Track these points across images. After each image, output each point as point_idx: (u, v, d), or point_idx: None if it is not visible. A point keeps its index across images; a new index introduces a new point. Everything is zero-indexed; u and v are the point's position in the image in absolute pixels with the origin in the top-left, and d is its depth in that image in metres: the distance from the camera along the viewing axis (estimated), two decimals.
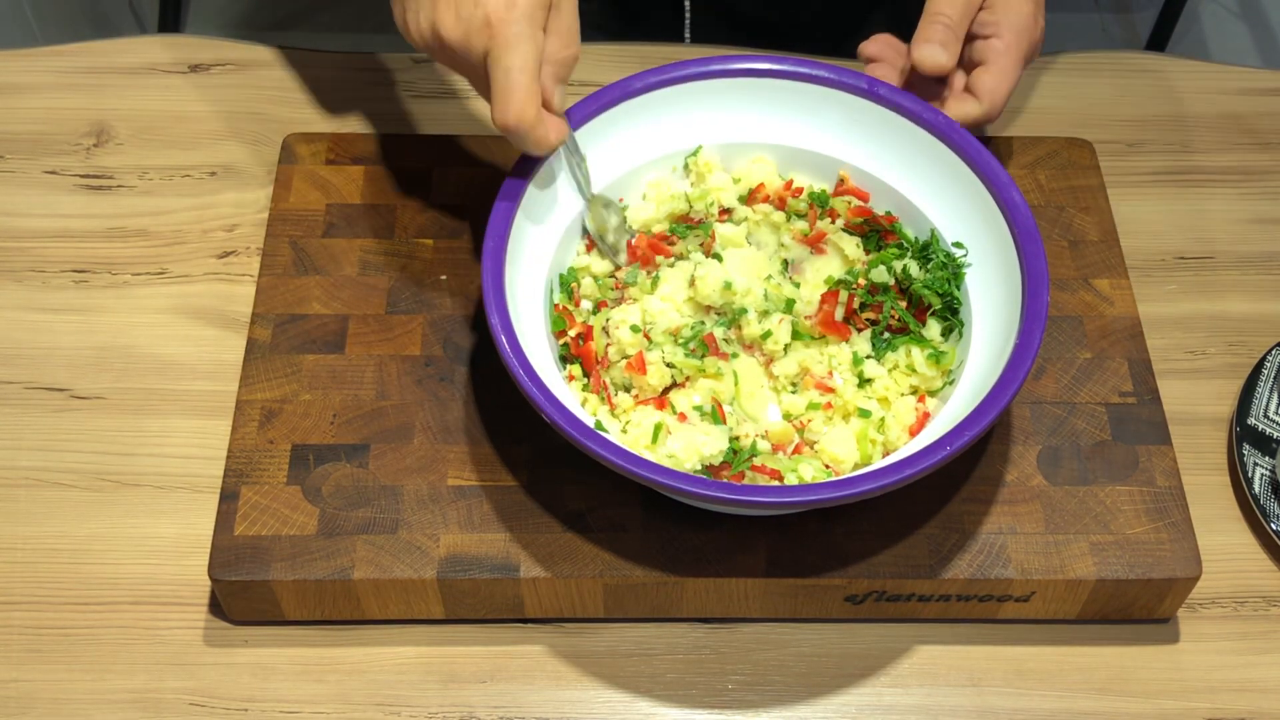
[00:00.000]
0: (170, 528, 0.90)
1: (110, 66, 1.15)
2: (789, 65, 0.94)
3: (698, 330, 0.88)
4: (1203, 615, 0.89)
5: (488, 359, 0.93)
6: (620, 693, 0.85)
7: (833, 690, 0.86)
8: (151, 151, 1.09)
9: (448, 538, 0.85)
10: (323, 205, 1.01)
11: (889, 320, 0.90)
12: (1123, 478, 0.89)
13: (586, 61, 1.16)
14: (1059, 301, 0.97)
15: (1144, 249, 1.06)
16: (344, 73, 1.15)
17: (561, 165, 0.91)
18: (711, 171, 0.96)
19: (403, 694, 0.85)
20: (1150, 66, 1.18)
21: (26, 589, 0.88)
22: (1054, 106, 1.14)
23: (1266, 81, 1.17)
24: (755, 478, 0.83)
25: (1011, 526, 0.87)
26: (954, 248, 0.90)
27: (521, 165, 0.89)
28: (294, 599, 0.85)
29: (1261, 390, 0.96)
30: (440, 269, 0.98)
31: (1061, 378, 0.93)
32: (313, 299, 0.96)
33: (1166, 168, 1.11)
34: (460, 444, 0.89)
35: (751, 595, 0.86)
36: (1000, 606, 0.87)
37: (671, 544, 0.85)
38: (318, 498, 0.86)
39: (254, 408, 0.90)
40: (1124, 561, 0.85)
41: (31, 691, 0.84)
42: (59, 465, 0.93)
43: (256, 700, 0.84)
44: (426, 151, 1.04)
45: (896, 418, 0.86)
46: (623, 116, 0.93)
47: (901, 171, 0.93)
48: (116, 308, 1.00)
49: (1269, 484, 0.92)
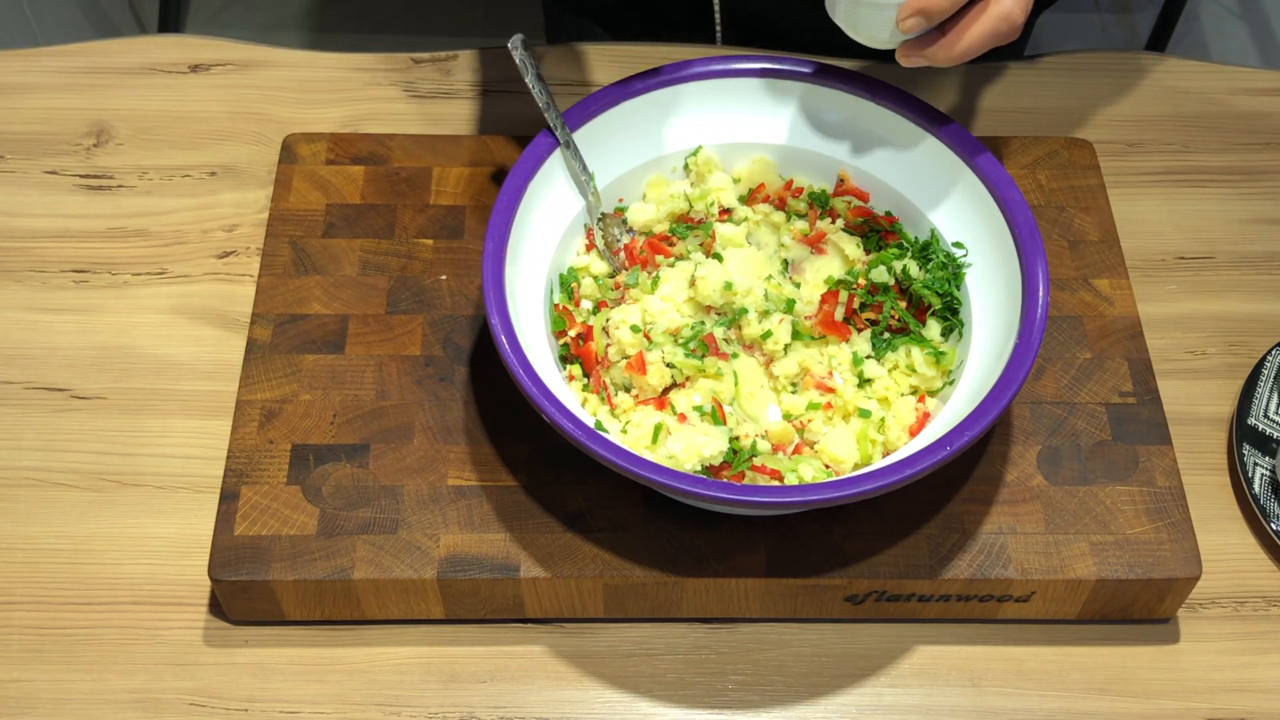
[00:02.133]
0: (170, 528, 0.90)
1: (110, 66, 1.15)
2: (789, 65, 0.94)
3: (698, 330, 0.88)
4: (1203, 615, 0.89)
5: (488, 359, 0.93)
6: (620, 693, 0.85)
7: (833, 690, 0.86)
8: (151, 151, 1.09)
9: (448, 538, 0.85)
10: (323, 205, 1.01)
11: (889, 320, 0.90)
12: (1123, 478, 0.89)
13: (586, 61, 1.16)
14: (1059, 301, 0.97)
15: (1144, 249, 1.06)
16: (344, 73, 1.15)
17: (563, 166, 0.91)
18: (711, 171, 0.96)
19: (403, 694, 0.85)
20: (1150, 66, 1.18)
21: (26, 589, 0.88)
22: (1054, 106, 1.14)
23: (1266, 81, 1.17)
24: (755, 478, 0.83)
25: (1011, 526, 0.87)
26: (954, 248, 0.91)
27: (521, 165, 0.89)
28: (294, 599, 0.85)
29: (1261, 390, 0.96)
30: (440, 269, 0.98)
31: (1061, 378, 0.93)
32: (313, 299, 0.96)
33: (1166, 168, 1.11)
34: (460, 444, 0.89)
35: (751, 595, 0.86)
36: (1000, 606, 0.87)
37: (671, 544, 0.85)
38: (318, 498, 0.86)
39: (254, 408, 0.90)
40: (1124, 561, 0.85)
41: (31, 691, 0.84)
42: (59, 465, 0.93)
43: (256, 700, 0.84)
44: (426, 151, 1.04)
45: (896, 418, 0.86)
46: (623, 116, 0.94)
47: (901, 171, 0.94)
48: (116, 308, 1.00)
49: (1269, 484, 0.92)
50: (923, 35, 0.85)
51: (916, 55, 0.86)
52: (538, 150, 0.90)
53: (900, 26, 0.84)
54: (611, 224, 0.94)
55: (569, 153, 0.91)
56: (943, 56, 0.85)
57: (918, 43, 0.85)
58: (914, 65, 0.87)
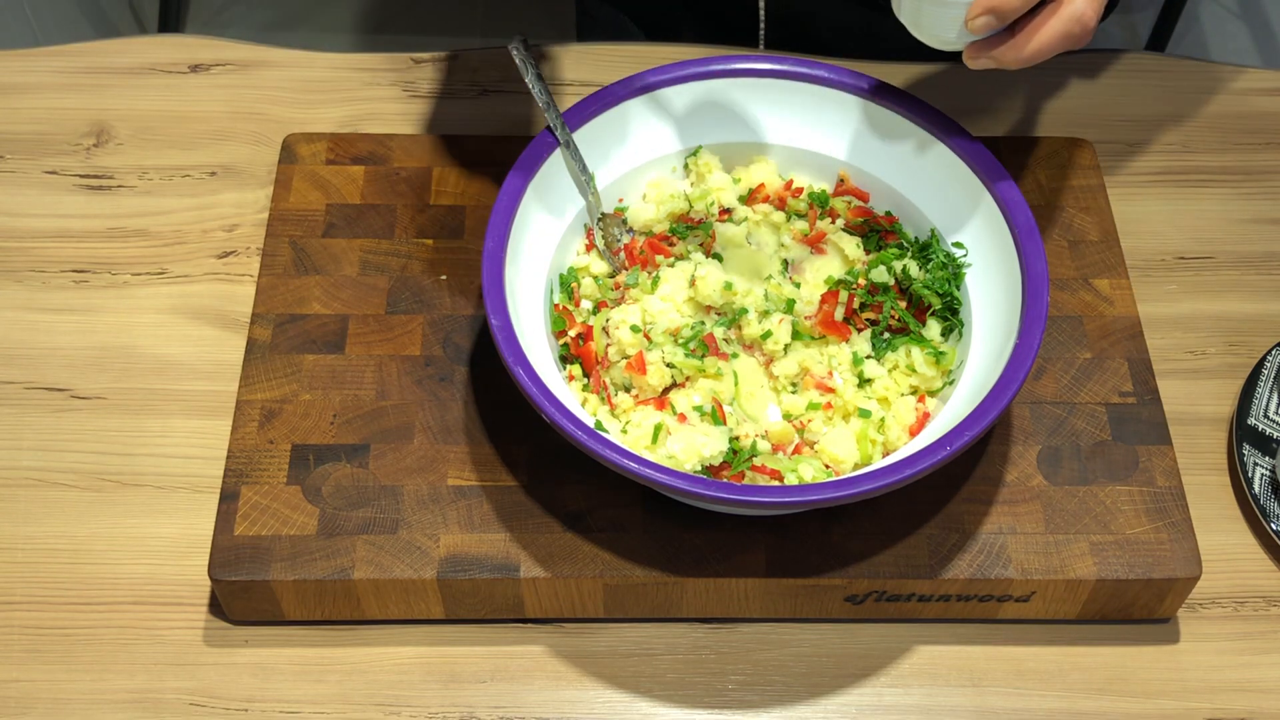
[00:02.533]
0: (170, 528, 0.90)
1: (110, 66, 1.15)
2: (789, 65, 0.94)
3: (698, 330, 0.88)
4: (1203, 615, 0.89)
5: (488, 359, 0.93)
6: (620, 693, 0.85)
7: (833, 690, 0.86)
8: (151, 151, 1.09)
9: (448, 538, 0.85)
10: (323, 205, 1.01)
11: (889, 320, 0.90)
12: (1123, 478, 0.89)
13: (587, 61, 1.16)
14: (1059, 301, 0.97)
15: (1144, 249, 1.06)
16: (344, 73, 1.15)
17: (563, 166, 0.91)
18: (711, 171, 0.96)
19: (403, 694, 0.85)
20: (1150, 66, 1.18)
21: (26, 589, 0.88)
22: (1054, 106, 1.14)
23: (1266, 81, 1.17)
24: (755, 478, 0.83)
25: (1011, 526, 0.87)
26: (954, 248, 0.91)
27: (521, 165, 0.89)
28: (294, 599, 0.85)
29: (1261, 390, 0.96)
30: (440, 269, 0.98)
31: (1061, 378, 0.93)
32: (313, 299, 0.96)
33: (1166, 168, 1.11)
34: (460, 444, 0.89)
35: (751, 595, 0.86)
36: (1000, 606, 0.87)
37: (671, 544, 0.85)
38: (318, 498, 0.86)
39: (254, 408, 0.90)
40: (1124, 561, 0.85)
41: (31, 691, 0.84)
42: (59, 465, 0.93)
43: (256, 700, 0.84)
44: (426, 151, 1.04)
45: (896, 418, 0.86)
46: (623, 116, 0.94)
47: (901, 171, 0.94)
48: (116, 308, 1.00)
49: (1269, 484, 0.92)
50: (991, 36, 0.82)
51: (984, 57, 0.83)
52: (538, 150, 0.90)
53: (969, 26, 0.81)
54: (611, 224, 0.94)
55: (569, 153, 0.91)
56: (1011, 58, 0.82)
57: (985, 44, 0.83)
58: (981, 68, 0.84)
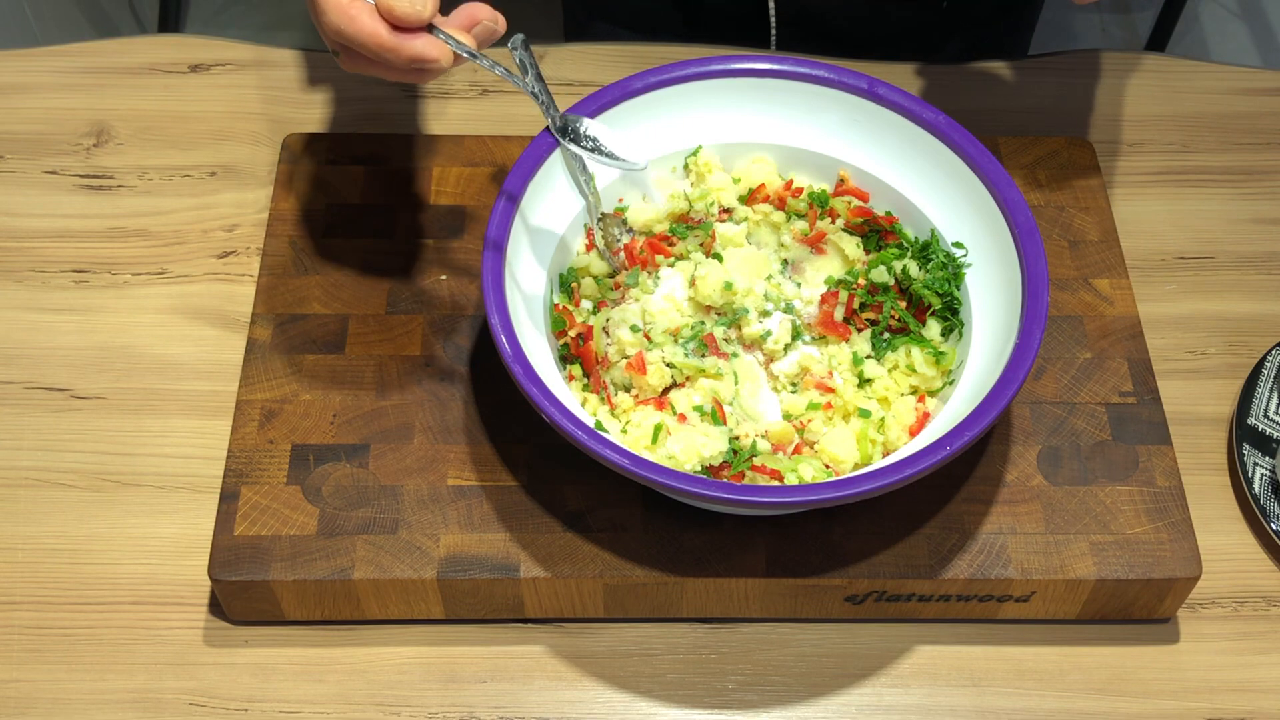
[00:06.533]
0: (170, 528, 0.90)
1: (110, 66, 1.15)
2: (789, 65, 0.94)
3: (698, 330, 0.88)
4: (1203, 615, 0.89)
5: (488, 359, 0.93)
6: (620, 693, 0.85)
7: (833, 690, 0.86)
8: (151, 151, 1.09)
9: (448, 538, 0.85)
10: (323, 205, 1.01)
11: (889, 320, 0.90)
12: (1123, 478, 0.89)
13: (587, 61, 1.16)
14: (1059, 301, 0.97)
15: (1144, 249, 1.06)
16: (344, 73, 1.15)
17: (563, 166, 0.91)
18: (711, 171, 0.96)
19: (403, 694, 0.85)
20: (1150, 66, 1.18)
21: (26, 589, 0.88)
22: (1054, 106, 1.14)
23: (1266, 81, 1.17)
24: (755, 478, 0.83)
25: (1011, 526, 0.87)
26: (954, 248, 0.91)
27: (521, 165, 0.89)
28: (294, 599, 0.85)
29: (1261, 390, 0.96)
30: (440, 269, 0.98)
31: (1061, 378, 0.93)
32: (313, 299, 0.96)
33: (1166, 168, 1.11)
34: (460, 444, 0.89)
35: (751, 595, 0.86)
36: (1000, 606, 0.87)
37: (671, 544, 0.85)
38: (318, 498, 0.86)
39: (254, 408, 0.90)
40: (1124, 561, 0.85)
41: (31, 691, 0.84)
42: (59, 465, 0.93)
43: (256, 700, 0.84)
44: (426, 151, 1.04)
45: (896, 418, 0.86)
46: (623, 116, 0.93)
47: (901, 171, 0.94)
48: (116, 308, 1.00)
49: (1269, 484, 0.92)
50: None
51: None
52: (538, 150, 0.90)
53: None
54: (611, 224, 0.94)
55: (569, 153, 0.91)
56: None
57: None
58: None
